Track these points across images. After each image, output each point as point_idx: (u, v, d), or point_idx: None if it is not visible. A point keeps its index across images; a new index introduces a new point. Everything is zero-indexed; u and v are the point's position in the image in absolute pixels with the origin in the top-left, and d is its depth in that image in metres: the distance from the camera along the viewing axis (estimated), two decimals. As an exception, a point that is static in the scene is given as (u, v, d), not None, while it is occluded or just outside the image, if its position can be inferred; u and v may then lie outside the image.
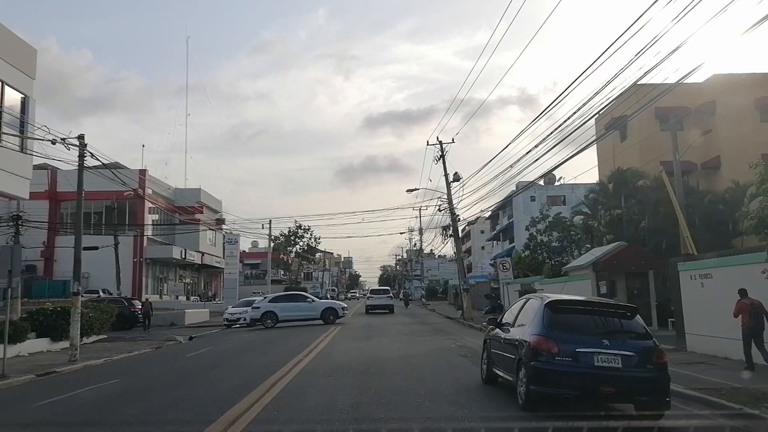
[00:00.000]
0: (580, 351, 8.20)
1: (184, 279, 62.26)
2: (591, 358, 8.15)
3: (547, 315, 8.76)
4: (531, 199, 66.01)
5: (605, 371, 8.09)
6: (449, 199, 36.00)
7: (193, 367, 15.61)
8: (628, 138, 34.76)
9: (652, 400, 8.19)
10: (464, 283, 35.43)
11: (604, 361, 8.12)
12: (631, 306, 9.62)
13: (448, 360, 15.29)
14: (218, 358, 17.69)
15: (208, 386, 11.90)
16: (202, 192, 59.76)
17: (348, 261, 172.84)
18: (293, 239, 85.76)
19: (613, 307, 9.39)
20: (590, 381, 8.12)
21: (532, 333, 8.70)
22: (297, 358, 15.58)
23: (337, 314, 32.38)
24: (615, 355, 8.15)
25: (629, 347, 8.28)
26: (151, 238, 53.78)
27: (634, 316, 8.93)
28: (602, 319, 8.87)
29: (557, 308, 8.97)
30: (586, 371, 8.11)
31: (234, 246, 51.35)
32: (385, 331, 26.30)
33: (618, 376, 8.12)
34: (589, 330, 8.59)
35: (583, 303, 9.83)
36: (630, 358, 8.15)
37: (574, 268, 27.43)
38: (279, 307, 31.84)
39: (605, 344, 8.23)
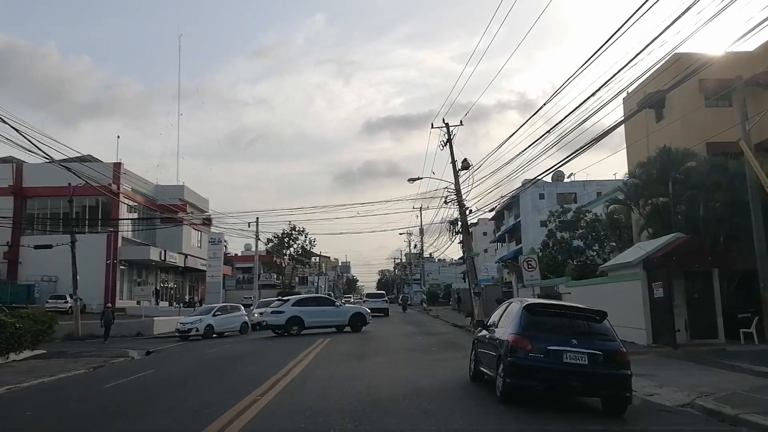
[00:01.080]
0: (551, 348, 8.89)
1: (167, 283, 56.80)
2: (560, 355, 8.86)
3: (524, 317, 9.49)
4: (540, 197, 60.69)
5: (573, 367, 8.82)
6: (457, 189, 30.64)
7: (92, 410, 10.12)
8: (665, 117, 29.42)
9: (615, 395, 8.98)
10: (475, 286, 30.05)
11: (572, 358, 8.85)
12: (601, 311, 9.98)
13: (483, 401, 9.83)
14: (143, 391, 12.16)
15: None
16: (185, 189, 54.33)
17: (346, 266, 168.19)
18: (287, 241, 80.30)
19: (584, 312, 10.00)
20: (559, 376, 8.84)
21: (510, 332, 9.43)
22: (252, 395, 10.11)
23: (365, 321, 28.38)
24: (582, 353, 8.87)
25: (596, 347, 8.98)
26: (128, 238, 48.36)
27: (603, 320, 9.65)
28: (574, 321, 9.60)
29: (534, 311, 9.72)
30: (556, 367, 8.82)
31: (218, 247, 45.94)
32: (384, 344, 20.85)
33: (584, 372, 8.84)
34: (561, 331, 9.23)
35: (558, 307, 10.46)
36: (596, 357, 8.88)
37: (616, 266, 22.03)
38: (306, 312, 27.06)
39: (574, 343, 8.93)
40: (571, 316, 9.73)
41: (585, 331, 9.28)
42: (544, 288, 29.19)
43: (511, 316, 10.01)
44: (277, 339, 25.39)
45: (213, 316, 29.86)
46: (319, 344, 20.81)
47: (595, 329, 9.38)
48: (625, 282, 20.76)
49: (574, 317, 9.70)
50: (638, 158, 29.96)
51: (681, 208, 23.66)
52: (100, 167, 41.82)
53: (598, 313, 9.73)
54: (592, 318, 9.65)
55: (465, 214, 30.39)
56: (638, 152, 30.44)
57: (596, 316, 9.68)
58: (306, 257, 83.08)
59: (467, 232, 30.47)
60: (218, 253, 45.49)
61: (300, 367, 14.52)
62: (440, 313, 49.65)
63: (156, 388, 12.45)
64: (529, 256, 25.12)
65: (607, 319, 9.65)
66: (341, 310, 28.67)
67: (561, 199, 60.88)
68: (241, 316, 31.24)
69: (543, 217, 61.67)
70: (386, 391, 10.66)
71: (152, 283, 52.43)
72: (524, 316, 9.49)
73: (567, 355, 8.84)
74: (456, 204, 30.87)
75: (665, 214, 23.81)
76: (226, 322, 30.35)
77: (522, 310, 9.63)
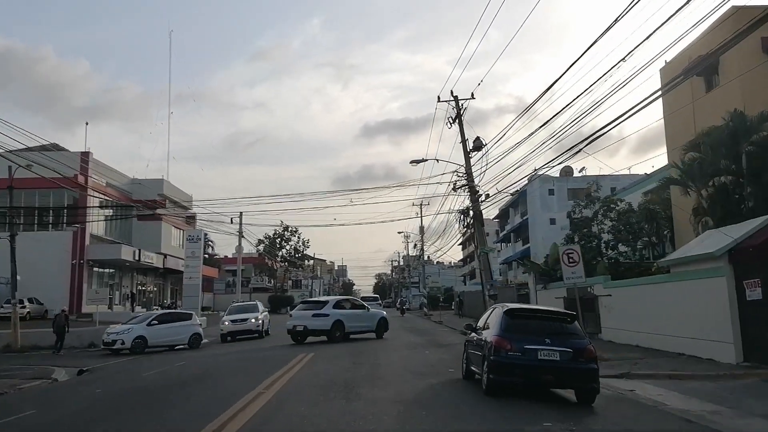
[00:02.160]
0: (527, 347, 9.78)
1: (145, 286, 51.37)
2: (535, 353, 9.76)
3: (505, 320, 10.42)
4: (549, 193, 55.49)
5: (546, 363, 9.74)
6: (468, 173, 25.42)
7: None
8: (719, 85, 24.25)
9: (584, 387, 9.89)
10: (490, 287, 24.79)
11: (545, 356, 9.75)
12: (572, 313, 11.07)
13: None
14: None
15: None
16: (165, 184, 48.93)
17: (342, 270, 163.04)
18: (279, 242, 74.94)
19: (557, 314, 11.13)
20: (534, 371, 9.77)
21: (493, 334, 10.33)
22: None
23: (387, 326, 25.48)
24: (554, 350, 9.76)
25: (566, 345, 9.87)
26: (98, 236, 42.97)
27: (573, 321, 10.68)
28: (548, 323, 10.55)
29: (513, 315, 10.67)
30: (531, 363, 9.74)
31: (196, 245, 40.51)
32: (383, 363, 15.31)
33: (556, 367, 9.75)
34: (537, 331, 10.12)
35: (534, 311, 11.66)
36: (566, 353, 9.77)
37: (684, 260, 16.73)
38: (345, 316, 23.58)
39: (547, 342, 9.83)
40: (546, 319, 10.80)
41: (557, 332, 10.14)
42: (571, 291, 24.01)
43: (494, 320, 10.90)
44: (245, 353, 20.15)
45: (148, 326, 23.80)
46: (296, 362, 15.45)
47: (567, 329, 10.32)
48: (698, 280, 15.48)
49: (548, 319, 10.74)
50: (679, 138, 24.82)
51: (751, 189, 18.50)
52: (67, 158, 36.57)
53: (569, 315, 10.87)
54: (564, 319, 10.66)
55: (478, 201, 25.16)
56: (679, 131, 25.27)
57: (568, 317, 10.75)
58: (299, 259, 77.70)
59: (481, 223, 25.22)
60: (197, 252, 40.11)
61: (263, 400, 9.24)
62: (444, 318, 44.27)
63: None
64: (569, 247, 19.83)
65: (577, 321, 10.87)
66: (372, 315, 25.18)
67: (572, 194, 55.69)
68: (191, 327, 25.05)
69: (553, 214, 56.48)
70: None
71: (127, 286, 47.03)
72: (505, 319, 10.41)
73: (541, 353, 9.73)
74: (467, 191, 25.69)
75: (733, 195, 18.69)
76: (167, 333, 24.28)
77: (503, 315, 10.57)
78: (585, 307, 23.93)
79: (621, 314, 20.65)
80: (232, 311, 28.24)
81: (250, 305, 29.15)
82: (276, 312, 72.27)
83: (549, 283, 27.67)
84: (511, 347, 9.80)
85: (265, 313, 29.08)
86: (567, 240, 28.84)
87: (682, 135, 24.52)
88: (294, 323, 23.12)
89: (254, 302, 31.40)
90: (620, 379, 13.65)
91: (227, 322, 27.13)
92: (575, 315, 10.97)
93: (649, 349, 17.87)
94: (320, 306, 23.68)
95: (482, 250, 25.16)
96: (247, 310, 28.01)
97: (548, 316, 10.85)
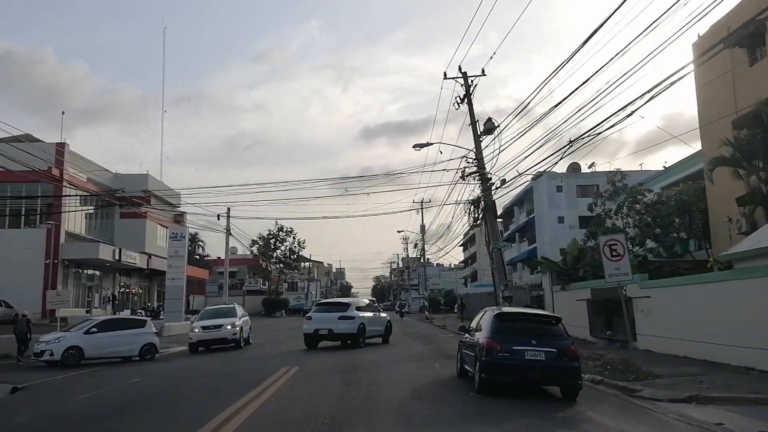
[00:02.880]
0: (515, 348, 10.36)
1: (129, 288, 48.00)
2: (523, 353, 10.33)
3: (494, 323, 10.98)
4: (557, 190, 52.24)
5: (532, 363, 10.32)
6: (478, 157, 22.19)
7: None
8: (764, 57, 21.00)
9: (567, 384, 10.47)
10: (505, 288, 21.51)
11: (532, 356, 10.32)
12: (556, 316, 11.81)
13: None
14: None
15: None
16: (150, 179, 45.59)
17: (340, 272, 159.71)
18: (273, 243, 71.57)
19: (543, 317, 11.84)
20: (522, 370, 10.36)
21: (484, 336, 10.87)
22: None
23: (391, 331, 24.26)
24: (540, 351, 10.34)
25: (551, 345, 10.47)
26: (75, 233, 39.61)
27: (557, 323, 11.22)
28: (534, 325, 11.14)
29: (503, 318, 11.25)
30: (519, 363, 10.31)
31: (180, 243, 37.11)
32: (382, 384, 11.94)
33: (541, 366, 10.34)
34: (524, 333, 10.68)
35: (522, 314, 12.24)
36: (551, 353, 10.37)
37: (758, 251, 13.43)
38: (366, 320, 21.99)
39: (533, 343, 10.40)
40: (532, 321, 11.45)
41: (543, 333, 10.79)
42: (601, 290, 20.76)
43: (485, 323, 11.45)
44: (212, 367, 16.80)
45: (86, 334, 19.73)
46: (273, 380, 12.12)
47: (551, 331, 10.96)
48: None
49: (534, 322, 11.40)
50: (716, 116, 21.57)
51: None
52: (39, 149, 33.23)
53: (554, 318, 11.61)
54: (548, 322, 11.38)
55: (489, 190, 21.91)
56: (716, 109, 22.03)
57: (552, 320, 11.47)
58: (295, 260, 74.30)
59: (494, 214, 21.99)
60: (181, 251, 36.75)
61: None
62: (447, 322, 40.97)
63: None
64: (612, 237, 16.46)
65: (561, 323, 11.30)
66: (383, 318, 23.75)
67: (581, 192, 52.52)
68: (143, 335, 20.63)
69: (561, 212, 53.22)
70: None
71: (108, 288, 43.66)
72: (494, 322, 11.02)
73: (528, 353, 10.33)
74: (477, 179, 22.44)
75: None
76: (110, 342, 19.95)
77: (493, 318, 11.20)
78: (612, 310, 20.75)
79: (662, 319, 17.32)
80: (205, 316, 23.82)
81: (226, 309, 24.65)
82: (270, 315, 68.81)
83: (569, 284, 24.42)
84: (500, 348, 10.40)
85: (244, 318, 24.61)
86: (588, 236, 25.54)
87: (721, 113, 21.31)
88: (316, 326, 20.76)
89: (231, 305, 26.47)
90: (689, 405, 10.34)
91: (197, 329, 22.71)
92: (559, 318, 11.57)
93: (704, 362, 14.54)
94: (344, 308, 21.60)
95: (495, 246, 21.89)
96: (222, 314, 23.46)
97: (534, 319, 11.58)
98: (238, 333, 22.74)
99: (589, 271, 23.13)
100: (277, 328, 39.89)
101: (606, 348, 18.98)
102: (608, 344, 20.21)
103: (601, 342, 20.93)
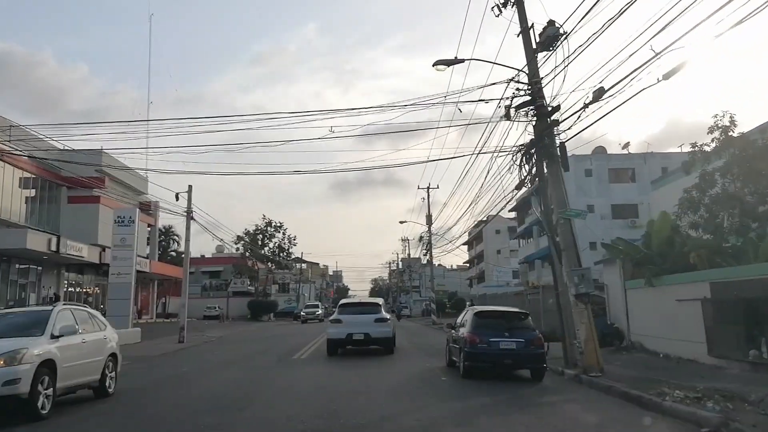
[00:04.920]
0: (491, 340, 12.30)
1: (80, 287, 39.52)
2: (498, 343, 12.26)
3: (475, 320, 13.01)
4: (586, 174, 44.07)
5: (506, 351, 12.26)
6: (532, 81, 13.98)
7: None
8: None
9: (535, 367, 12.49)
10: (579, 282, 13.19)
11: (505, 345, 12.26)
12: (524, 312, 13.94)
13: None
14: None
15: None
16: (104, 157, 37.23)
17: (338, 275, 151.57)
18: (261, 239, 63.13)
19: (514, 313, 13.77)
20: (497, 357, 12.32)
21: (466, 331, 12.81)
22: None
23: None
24: (512, 341, 12.29)
25: (521, 336, 12.41)
26: (6, 220, 31.32)
27: (526, 318, 13.32)
28: (507, 320, 13.13)
29: (481, 315, 13.41)
30: (495, 351, 12.26)
31: (128, 229, 28.65)
32: None
33: (513, 354, 12.28)
34: (499, 327, 12.67)
35: (497, 311, 14.74)
36: (521, 343, 12.28)
37: None
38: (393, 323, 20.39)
39: (506, 335, 12.38)
40: (505, 317, 13.41)
41: (514, 327, 12.71)
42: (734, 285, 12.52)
43: (467, 320, 13.34)
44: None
45: None
46: None
47: (521, 325, 12.93)
48: None
49: (507, 318, 13.34)
50: None
51: None
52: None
53: (523, 314, 13.66)
54: (519, 318, 13.33)
55: (551, 126, 13.69)
56: None
57: (521, 315, 13.49)
58: (285, 258, 65.80)
59: (563, 161, 13.75)
60: (128, 239, 28.37)
61: None
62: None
63: None
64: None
65: (529, 317, 13.44)
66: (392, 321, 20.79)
67: (614, 176, 44.28)
68: None
69: (591, 199, 44.86)
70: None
71: (51, 287, 35.22)
72: (475, 319, 13.02)
73: (502, 344, 12.25)
74: (530, 113, 14.22)
75: None
76: None
77: (473, 316, 13.23)
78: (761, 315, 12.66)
79: None
80: None
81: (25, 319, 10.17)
82: (257, 319, 60.19)
83: (658, 277, 16.07)
84: (479, 341, 12.31)
85: (81, 337, 10.01)
86: (686, 206, 17.07)
87: None
88: (350, 330, 17.92)
89: (46, 309, 10.22)
90: None
91: None
92: (528, 313, 13.74)
93: None
94: (376, 309, 19.16)
95: (564, 214, 13.67)
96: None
97: (508, 315, 13.59)
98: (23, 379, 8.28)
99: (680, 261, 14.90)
100: (253, 337, 31.31)
101: (748, 379, 10.96)
102: (752, 371, 12.07)
103: (735, 367, 12.70)
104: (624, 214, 41.47)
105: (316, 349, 20.26)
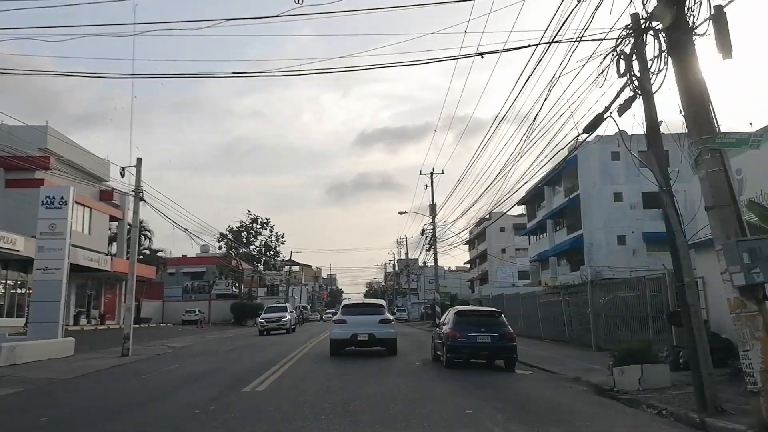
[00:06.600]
0: (469, 335, 14.05)
1: (26, 286, 32.98)
2: (475, 337, 14.02)
3: (455, 318, 14.85)
4: (612, 158, 37.91)
5: (482, 344, 14.04)
6: None
7: None
8: None
9: (507, 357, 14.21)
10: (749, 262, 7.05)
11: (481, 339, 14.01)
12: (498, 311, 16.34)
13: None
14: None
15: None
16: (52, 132, 30.87)
17: (331, 278, 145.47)
18: (246, 237, 56.65)
19: (489, 312, 16.18)
20: (475, 349, 14.16)
21: (448, 328, 14.65)
22: None
23: None
24: (487, 335, 14.05)
25: (494, 331, 14.18)
26: None
27: (499, 316, 15.34)
28: (483, 318, 15.13)
29: (461, 314, 15.27)
30: (473, 344, 14.06)
31: (58, 213, 22.21)
32: None
33: (488, 346, 14.09)
34: (476, 324, 14.41)
35: (475, 310, 17.49)
36: (495, 337, 14.07)
37: None
38: None
39: (482, 330, 14.13)
40: (482, 315, 15.62)
41: (489, 323, 14.53)
42: None
43: (449, 318, 15.26)
44: None
45: None
46: None
47: (496, 322, 14.73)
48: None
49: (483, 316, 15.51)
50: None
51: None
52: None
53: (497, 312, 15.83)
54: (493, 315, 15.44)
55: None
56: None
57: (496, 314, 15.56)
58: (272, 257, 59.33)
59: (716, 43, 7.66)
60: (59, 224, 22.01)
61: None
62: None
63: None
64: None
65: (503, 315, 15.54)
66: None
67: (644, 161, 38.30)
68: None
69: (619, 186, 38.62)
70: None
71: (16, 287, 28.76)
72: (455, 318, 14.84)
73: (478, 338, 14.00)
74: None
75: None
76: None
77: (454, 315, 15.13)
78: None
79: None
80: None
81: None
82: (241, 324, 53.59)
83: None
84: (459, 335, 14.10)
85: None
86: None
87: None
88: (354, 331, 17.50)
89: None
90: None
91: None
92: (501, 312, 16.04)
93: None
94: (380, 309, 18.61)
95: (716, 141, 7.45)
96: None
97: (484, 314, 15.87)
98: None
99: None
100: (216, 348, 24.78)
101: None
102: None
103: None
104: (657, 203, 35.34)
105: (287, 371, 13.96)
